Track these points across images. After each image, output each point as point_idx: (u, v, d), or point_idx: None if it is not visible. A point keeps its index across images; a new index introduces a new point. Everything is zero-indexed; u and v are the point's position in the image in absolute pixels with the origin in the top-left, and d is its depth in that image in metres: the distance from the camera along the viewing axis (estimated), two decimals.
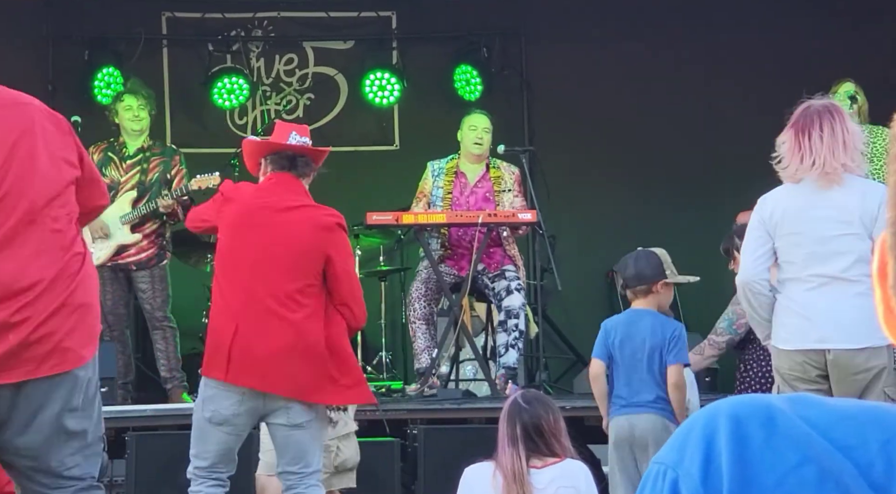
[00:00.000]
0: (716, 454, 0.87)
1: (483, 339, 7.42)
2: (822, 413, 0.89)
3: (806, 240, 4.17)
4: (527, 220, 6.88)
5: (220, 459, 4.44)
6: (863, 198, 4.16)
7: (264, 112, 9.14)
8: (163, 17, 9.07)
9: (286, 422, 4.44)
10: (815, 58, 8.53)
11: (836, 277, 4.13)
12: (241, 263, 4.46)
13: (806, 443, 0.87)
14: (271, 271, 4.44)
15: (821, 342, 4.12)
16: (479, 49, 8.91)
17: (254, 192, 4.60)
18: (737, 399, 0.88)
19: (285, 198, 4.56)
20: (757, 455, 0.86)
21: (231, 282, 4.46)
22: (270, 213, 4.51)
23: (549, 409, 3.88)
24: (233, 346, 4.36)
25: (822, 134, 4.17)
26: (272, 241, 4.46)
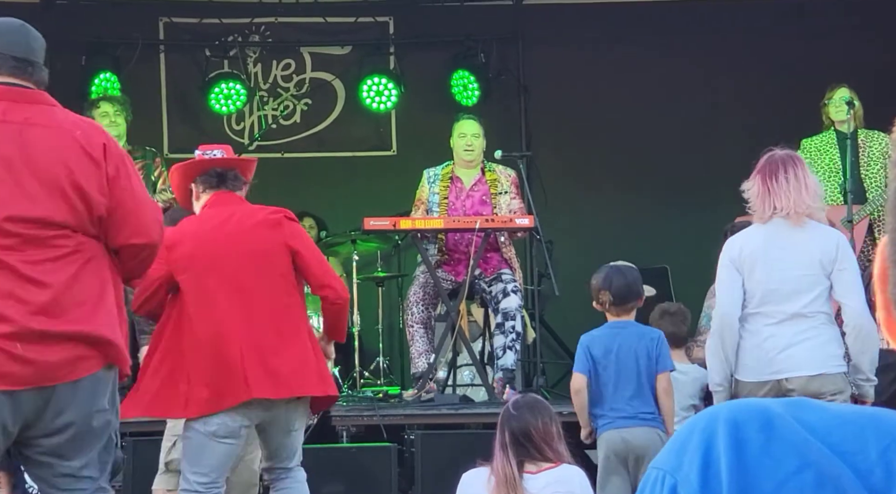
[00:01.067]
0: (714, 459, 0.87)
1: (480, 344, 7.42)
2: (820, 418, 0.88)
3: (771, 278, 4.55)
4: (524, 225, 6.88)
5: (222, 473, 4.44)
6: (822, 242, 4.57)
7: (261, 117, 9.14)
8: (160, 23, 9.08)
9: (286, 427, 4.47)
10: (812, 62, 8.54)
11: (796, 314, 4.54)
12: (221, 290, 4.40)
13: (804, 448, 0.87)
14: (254, 286, 4.42)
15: (778, 373, 4.50)
16: (476, 54, 8.91)
17: (200, 223, 4.55)
18: (735, 403, 0.87)
19: (238, 209, 4.55)
20: (756, 460, 0.86)
21: (213, 310, 4.37)
22: (226, 236, 4.47)
23: (538, 415, 3.88)
24: (245, 365, 4.34)
25: (788, 178, 4.55)
26: (245, 261, 4.43)
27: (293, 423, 4.48)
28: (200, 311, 4.36)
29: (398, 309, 7.94)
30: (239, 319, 4.37)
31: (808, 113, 7.56)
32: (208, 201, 4.59)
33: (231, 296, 4.39)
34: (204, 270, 4.42)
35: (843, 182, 7.20)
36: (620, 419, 4.90)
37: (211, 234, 4.47)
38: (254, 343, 4.36)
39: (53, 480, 3.30)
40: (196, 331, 4.34)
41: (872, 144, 7.32)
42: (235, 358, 4.34)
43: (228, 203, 4.57)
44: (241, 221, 4.51)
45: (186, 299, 4.39)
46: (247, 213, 4.56)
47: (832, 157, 7.32)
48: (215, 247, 4.45)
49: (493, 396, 6.72)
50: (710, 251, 6.28)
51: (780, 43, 8.85)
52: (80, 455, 3.29)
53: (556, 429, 3.92)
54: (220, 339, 4.35)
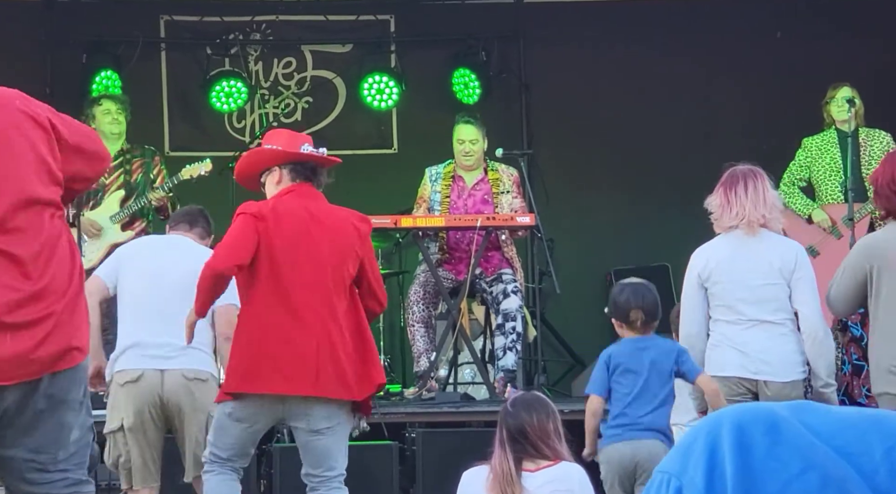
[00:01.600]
0: (719, 462, 0.87)
1: (481, 342, 7.42)
2: (825, 421, 0.89)
3: (737, 287, 4.86)
4: (525, 224, 6.89)
5: (238, 453, 4.54)
6: (782, 252, 4.91)
7: (262, 115, 9.14)
8: (161, 21, 9.07)
9: (306, 427, 4.48)
10: (813, 62, 8.55)
11: (764, 320, 4.85)
12: (300, 278, 4.45)
13: (809, 451, 0.87)
14: (326, 281, 4.48)
15: (756, 374, 4.81)
16: (477, 52, 8.91)
17: (284, 203, 4.57)
18: (740, 407, 0.88)
19: (321, 205, 4.63)
20: (760, 463, 0.86)
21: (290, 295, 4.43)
22: (317, 222, 4.54)
23: (534, 412, 3.88)
24: (320, 360, 4.39)
25: (747, 190, 4.88)
26: (325, 250, 4.50)
27: (313, 425, 4.46)
28: (276, 294, 4.41)
29: (399, 308, 7.94)
30: (315, 312, 4.42)
31: (809, 112, 7.57)
32: (294, 189, 4.61)
33: (306, 289, 4.45)
34: (287, 249, 4.45)
35: (844, 180, 7.21)
36: (633, 431, 4.76)
37: (301, 217, 4.52)
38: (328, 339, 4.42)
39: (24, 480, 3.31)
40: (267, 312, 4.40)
41: (873, 143, 7.32)
42: (311, 351, 4.38)
43: (315, 198, 4.63)
44: (328, 220, 4.56)
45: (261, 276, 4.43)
46: (334, 212, 4.63)
47: (833, 156, 7.33)
48: (303, 232, 4.50)
49: (494, 394, 6.73)
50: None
51: (780, 42, 8.85)
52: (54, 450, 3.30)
53: (554, 427, 3.91)
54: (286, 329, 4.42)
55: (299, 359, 4.40)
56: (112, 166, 7.40)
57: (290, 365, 4.40)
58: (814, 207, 7.33)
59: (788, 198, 7.36)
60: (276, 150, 4.71)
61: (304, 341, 4.41)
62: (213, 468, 4.54)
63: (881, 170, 4.73)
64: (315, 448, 4.49)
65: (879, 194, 4.72)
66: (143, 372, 4.92)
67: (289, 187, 4.62)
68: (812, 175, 7.39)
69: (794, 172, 7.41)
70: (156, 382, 4.93)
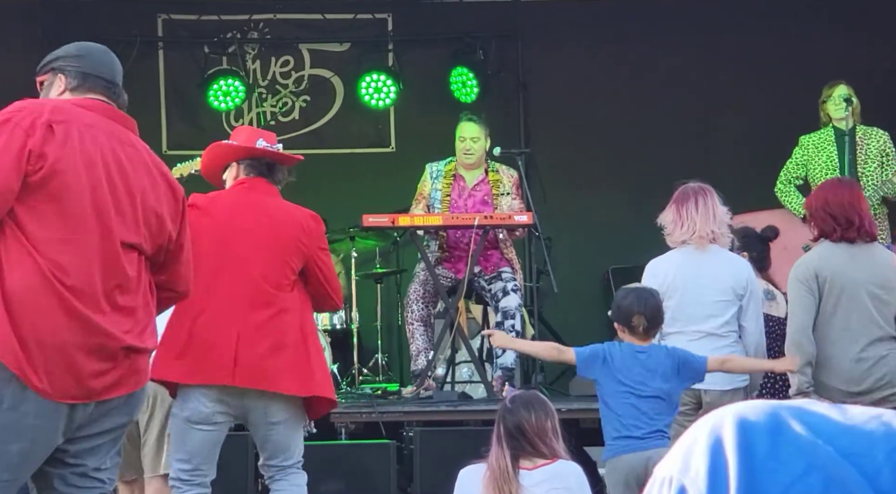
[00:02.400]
0: (722, 462, 0.87)
1: (479, 341, 7.42)
2: (827, 422, 0.89)
3: (689, 302, 5.13)
4: (523, 222, 6.89)
5: (203, 459, 4.42)
6: (735, 271, 5.19)
7: (260, 114, 9.14)
8: (158, 19, 9.07)
9: (264, 421, 4.43)
10: (811, 60, 8.55)
11: (710, 333, 5.12)
12: (229, 268, 4.42)
13: (811, 452, 0.87)
14: (262, 273, 4.43)
15: (699, 384, 5.01)
16: (475, 51, 8.91)
17: (234, 199, 4.55)
18: (743, 405, 0.88)
19: (269, 200, 4.57)
20: (763, 464, 0.86)
21: (217, 287, 4.38)
22: (257, 215, 4.50)
23: (532, 410, 3.90)
24: (239, 350, 4.34)
25: (697, 206, 5.17)
26: (261, 243, 4.45)
27: (272, 416, 4.42)
28: (207, 284, 4.35)
29: (397, 306, 7.94)
30: (242, 304, 4.37)
31: (807, 110, 7.57)
32: (245, 182, 4.58)
33: (240, 280, 4.40)
34: (223, 245, 4.42)
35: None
36: (642, 440, 4.66)
37: (240, 208, 4.48)
38: (248, 331, 4.35)
39: (68, 484, 3.31)
40: (197, 303, 4.31)
41: (870, 141, 7.33)
42: (230, 340, 4.33)
43: (266, 192, 4.58)
44: (275, 214, 4.52)
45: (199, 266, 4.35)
46: (282, 208, 4.58)
47: (830, 154, 7.33)
48: (243, 228, 4.45)
49: (491, 393, 6.73)
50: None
51: (778, 41, 8.86)
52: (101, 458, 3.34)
53: (552, 425, 3.93)
54: (218, 319, 4.35)
55: (216, 349, 4.34)
56: None
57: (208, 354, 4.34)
58: None
59: (785, 196, 7.37)
60: (231, 145, 4.68)
61: (223, 332, 4.34)
62: (179, 486, 4.41)
63: (815, 195, 5.20)
64: (273, 439, 4.44)
65: (815, 217, 5.13)
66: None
67: (240, 180, 4.60)
68: (809, 173, 7.39)
69: (791, 170, 7.42)
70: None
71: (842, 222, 5.06)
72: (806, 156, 7.39)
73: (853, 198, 5.14)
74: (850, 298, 5.02)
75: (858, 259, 5.07)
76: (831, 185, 5.26)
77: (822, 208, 5.10)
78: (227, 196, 4.59)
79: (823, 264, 5.05)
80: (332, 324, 7.82)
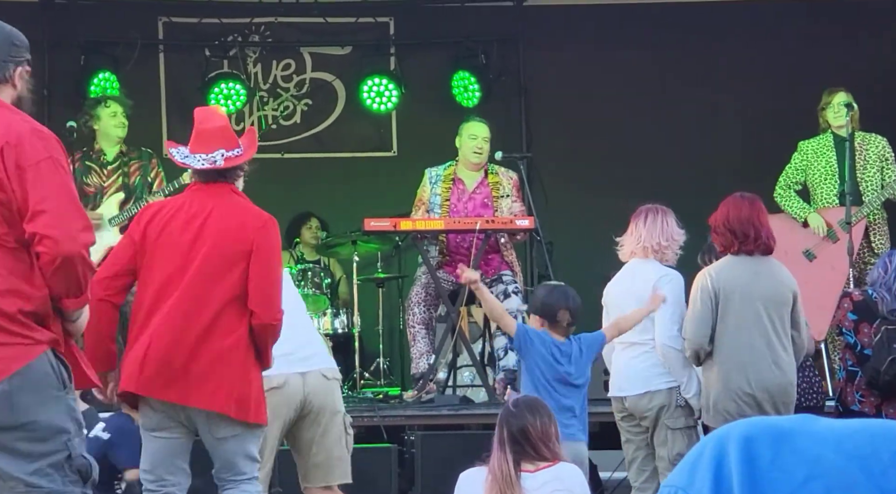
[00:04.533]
0: (726, 475, 0.87)
1: (480, 345, 7.42)
2: (831, 429, 0.89)
3: (615, 311, 5.53)
4: (524, 226, 6.89)
5: (164, 468, 4.32)
6: (645, 280, 5.49)
7: (261, 117, 9.14)
8: (159, 22, 9.07)
9: (211, 434, 4.31)
10: (813, 66, 8.56)
11: (633, 342, 5.49)
12: (172, 279, 4.29)
13: (813, 460, 0.87)
14: (207, 283, 4.29)
15: (619, 391, 5.54)
16: (477, 55, 8.91)
17: (170, 204, 4.44)
18: (747, 421, 0.88)
19: (205, 202, 4.40)
20: (766, 474, 0.87)
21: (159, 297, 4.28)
22: (204, 222, 4.34)
23: (537, 414, 3.93)
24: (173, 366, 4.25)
25: (646, 221, 5.60)
26: (202, 249, 4.30)
27: (217, 431, 4.28)
28: (151, 296, 4.27)
29: (398, 310, 7.94)
30: (180, 315, 4.24)
31: (806, 116, 7.58)
32: (196, 186, 4.46)
33: (181, 291, 4.26)
34: (165, 256, 4.30)
35: (841, 185, 7.22)
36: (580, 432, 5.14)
37: (186, 221, 4.33)
38: (183, 344, 4.24)
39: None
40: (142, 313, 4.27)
41: (869, 147, 7.33)
42: (160, 351, 4.23)
43: (212, 195, 4.39)
44: (221, 219, 4.35)
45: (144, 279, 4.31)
46: (229, 212, 4.38)
47: (829, 160, 7.34)
48: (186, 238, 4.31)
49: (493, 397, 6.73)
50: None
51: (779, 45, 8.86)
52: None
53: (555, 430, 3.96)
54: (158, 329, 4.25)
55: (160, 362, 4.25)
56: (110, 169, 7.41)
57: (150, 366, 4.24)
58: (809, 211, 7.34)
59: (785, 201, 7.37)
60: (173, 158, 4.55)
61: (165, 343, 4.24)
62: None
63: (720, 212, 5.46)
64: (220, 455, 4.33)
65: (718, 232, 5.43)
66: (287, 377, 4.70)
67: (195, 185, 4.49)
68: (808, 178, 7.40)
69: (790, 176, 7.42)
70: (299, 386, 4.78)
71: (739, 236, 5.35)
72: (805, 161, 7.40)
73: (752, 212, 5.40)
74: (748, 312, 5.30)
75: (758, 273, 5.35)
76: (733, 200, 5.49)
77: (722, 223, 5.42)
78: (169, 205, 4.45)
79: (722, 277, 5.36)
80: (334, 328, 7.82)
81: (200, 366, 4.24)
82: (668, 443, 5.37)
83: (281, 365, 4.53)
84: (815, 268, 7.09)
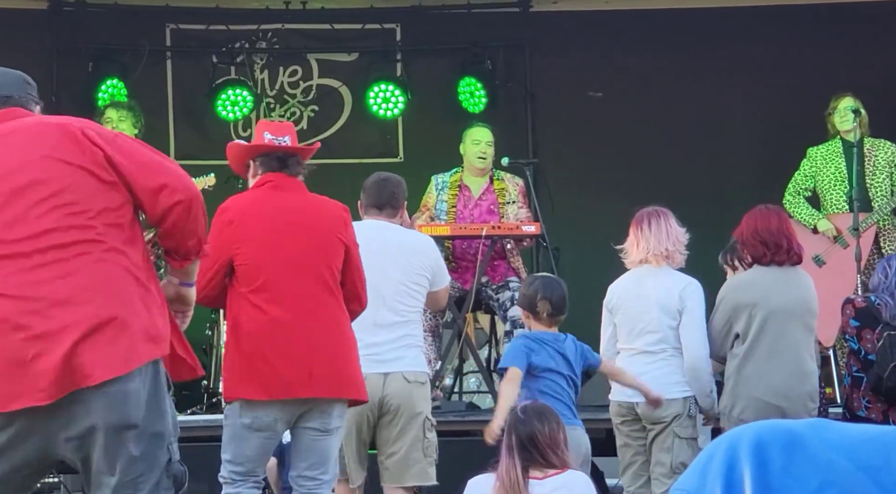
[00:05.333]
0: (737, 479, 0.86)
1: (487, 351, 7.42)
2: (843, 436, 0.88)
3: (628, 320, 5.47)
4: (531, 233, 6.89)
5: (258, 463, 4.44)
6: (668, 289, 5.44)
7: None
8: (167, 29, 9.09)
9: (319, 426, 4.37)
10: (817, 71, 8.55)
11: (645, 351, 5.43)
12: (283, 273, 4.34)
13: (826, 467, 0.87)
14: (315, 274, 4.37)
15: (630, 397, 5.42)
16: (483, 61, 8.92)
17: (256, 199, 4.49)
18: (759, 424, 0.87)
19: (296, 195, 4.51)
20: (778, 481, 0.86)
21: (277, 294, 4.32)
22: (286, 214, 4.43)
23: (545, 421, 3.93)
24: (314, 361, 4.29)
25: (651, 226, 5.54)
26: (305, 242, 4.39)
27: (327, 424, 4.36)
28: (264, 294, 4.30)
29: None
30: (306, 310, 4.31)
31: (814, 122, 7.57)
32: (268, 180, 4.50)
33: (295, 284, 4.33)
34: (269, 251, 4.35)
35: (849, 191, 7.20)
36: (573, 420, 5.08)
37: (274, 215, 4.41)
38: (318, 339, 4.31)
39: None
40: (260, 317, 4.28)
41: (878, 153, 7.33)
42: (302, 351, 4.28)
43: (290, 188, 4.51)
44: (306, 208, 4.46)
45: (250, 277, 4.33)
46: (312, 201, 4.53)
47: (838, 166, 7.33)
48: (279, 229, 4.38)
49: None
50: (715, 257, 6.30)
51: (788, 51, 8.86)
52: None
53: (563, 436, 3.96)
54: (286, 328, 4.29)
55: (294, 359, 4.30)
56: None
57: (288, 366, 4.29)
58: (819, 217, 7.33)
59: (794, 207, 7.36)
60: (240, 144, 4.64)
61: (296, 340, 4.30)
62: (237, 489, 4.39)
63: (746, 224, 5.42)
64: (321, 449, 4.38)
65: (746, 244, 5.41)
66: (366, 376, 4.71)
67: (260, 180, 4.52)
68: (817, 185, 7.39)
69: (799, 182, 7.42)
70: (378, 386, 4.85)
71: (772, 247, 5.34)
72: (814, 167, 7.39)
73: (781, 223, 5.44)
74: (777, 322, 5.27)
75: (788, 283, 5.34)
76: (759, 212, 5.50)
77: (751, 235, 5.40)
78: (256, 204, 4.48)
79: (750, 288, 5.35)
80: None
81: (335, 357, 4.45)
82: (673, 451, 5.35)
83: (365, 364, 4.62)
84: (825, 274, 7.08)
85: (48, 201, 3.11)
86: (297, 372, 4.29)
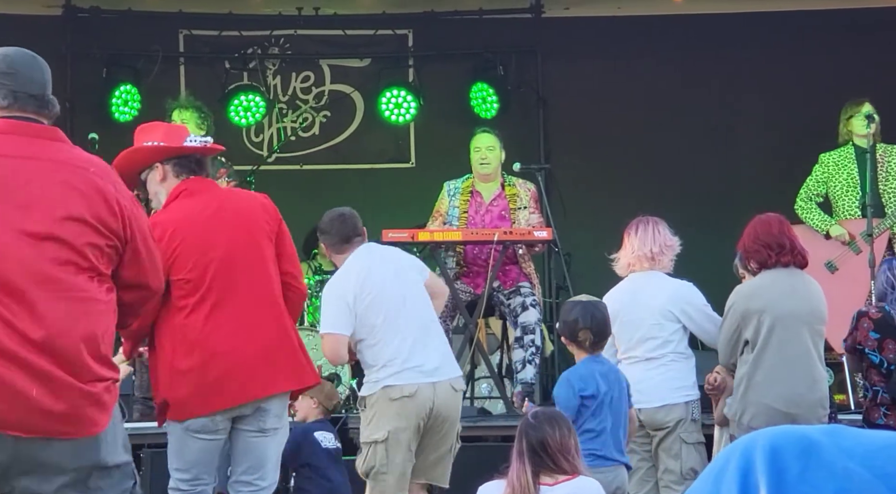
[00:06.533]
0: (752, 485, 0.86)
1: (498, 357, 7.41)
2: (859, 443, 0.88)
3: (627, 328, 5.49)
4: (542, 238, 6.88)
5: (204, 469, 4.30)
6: (669, 295, 5.51)
7: (280, 129, 9.17)
8: (180, 35, 9.12)
9: (255, 428, 4.29)
10: (828, 77, 8.54)
11: (646, 357, 5.47)
12: (230, 280, 4.28)
13: (842, 475, 0.87)
14: (255, 273, 4.31)
15: (636, 403, 5.34)
16: (495, 67, 8.93)
17: (190, 208, 4.33)
18: (774, 429, 0.87)
19: (221, 194, 4.47)
20: (793, 488, 0.86)
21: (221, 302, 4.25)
22: (223, 216, 4.33)
23: (556, 427, 3.91)
24: (268, 357, 4.27)
25: (637, 231, 5.62)
26: (242, 244, 4.31)
27: (265, 424, 4.30)
28: (209, 305, 4.23)
29: None
30: (253, 314, 4.27)
31: (827, 127, 7.55)
32: (188, 187, 4.36)
33: (241, 291, 4.27)
34: (209, 262, 4.26)
35: (862, 196, 7.19)
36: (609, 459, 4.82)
37: (210, 224, 4.30)
38: (267, 339, 4.28)
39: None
40: (205, 327, 4.21)
41: (891, 159, 7.31)
42: (253, 356, 4.25)
43: (209, 190, 4.42)
44: (238, 208, 4.38)
45: (191, 292, 4.24)
46: (236, 198, 4.50)
47: (850, 172, 7.31)
48: (221, 238, 4.30)
49: (511, 409, 6.72)
50: (728, 261, 6.30)
51: (800, 57, 8.84)
52: None
53: (574, 442, 3.94)
54: (237, 336, 4.24)
55: (251, 362, 4.24)
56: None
57: (244, 370, 4.22)
58: (831, 223, 7.31)
59: (806, 213, 7.34)
60: (157, 147, 4.39)
61: (251, 341, 4.25)
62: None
63: (747, 233, 5.41)
64: (257, 450, 4.30)
65: (749, 251, 5.39)
66: (419, 387, 4.90)
67: (179, 186, 4.36)
68: (829, 190, 7.38)
69: (812, 188, 7.40)
70: (429, 396, 4.95)
71: (774, 248, 5.34)
72: (826, 173, 7.37)
73: (782, 227, 5.43)
74: (785, 328, 5.26)
75: (796, 289, 5.33)
76: (759, 220, 5.50)
77: (753, 241, 5.39)
78: (187, 210, 4.34)
79: (757, 294, 5.33)
80: None
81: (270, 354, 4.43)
82: (681, 457, 5.33)
83: (413, 376, 4.82)
84: (837, 281, 7.06)
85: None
86: (239, 377, 4.22)
